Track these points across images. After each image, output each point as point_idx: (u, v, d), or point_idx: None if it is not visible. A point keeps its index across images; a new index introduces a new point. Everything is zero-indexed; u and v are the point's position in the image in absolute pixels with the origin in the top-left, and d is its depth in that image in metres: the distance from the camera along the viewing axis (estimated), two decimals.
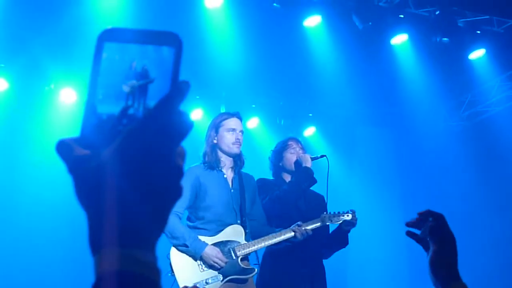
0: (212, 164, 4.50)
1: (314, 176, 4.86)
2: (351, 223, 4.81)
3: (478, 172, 8.59)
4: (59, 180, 7.06)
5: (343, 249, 5.07)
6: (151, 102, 0.70)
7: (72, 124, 7.23)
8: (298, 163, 4.89)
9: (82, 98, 7.61)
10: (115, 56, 0.72)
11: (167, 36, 0.72)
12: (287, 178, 4.96)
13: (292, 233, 4.46)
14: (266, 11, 6.85)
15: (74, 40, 6.70)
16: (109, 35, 0.72)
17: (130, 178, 0.66)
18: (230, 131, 4.50)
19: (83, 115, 0.71)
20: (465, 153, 8.74)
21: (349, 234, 4.96)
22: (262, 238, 4.47)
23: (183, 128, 0.68)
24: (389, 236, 9.03)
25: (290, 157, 4.98)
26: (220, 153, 4.52)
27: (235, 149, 4.51)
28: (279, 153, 5.07)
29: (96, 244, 0.68)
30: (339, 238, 4.93)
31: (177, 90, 0.69)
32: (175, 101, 0.68)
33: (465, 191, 8.75)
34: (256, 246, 4.45)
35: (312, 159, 4.92)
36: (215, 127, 4.54)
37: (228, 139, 4.49)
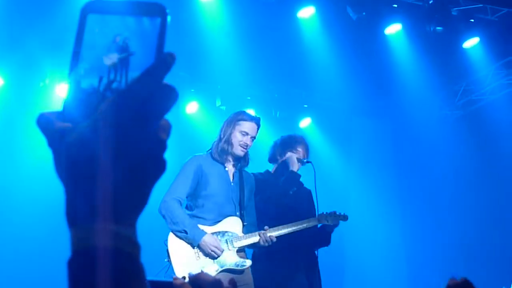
0: (217, 156, 4.57)
1: (299, 179, 4.98)
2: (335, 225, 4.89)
3: (474, 160, 8.62)
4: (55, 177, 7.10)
5: (340, 240, 5.14)
6: (134, 75, 0.67)
7: None
8: (285, 164, 4.96)
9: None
10: (98, 28, 0.71)
11: (153, 7, 0.70)
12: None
13: (258, 237, 4.50)
14: (260, 4, 6.85)
15: (68, 34, 6.69)
16: (93, 7, 0.71)
17: (110, 151, 0.64)
18: (243, 133, 4.55)
19: (67, 90, 0.70)
20: (461, 142, 8.76)
21: (346, 226, 5.03)
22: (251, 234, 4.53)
23: (168, 100, 0.67)
24: (386, 227, 9.07)
25: (292, 161, 5.03)
26: (225, 146, 4.56)
27: (239, 151, 4.57)
28: (283, 149, 5.12)
29: (72, 218, 0.67)
30: (322, 237, 4.99)
31: (162, 61, 0.67)
32: (159, 72, 0.66)
33: (461, 180, 8.77)
34: (251, 240, 4.49)
35: (300, 162, 5.02)
36: (232, 123, 4.60)
37: (238, 139, 4.55)
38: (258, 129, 4.67)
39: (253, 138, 4.61)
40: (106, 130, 0.64)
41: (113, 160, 0.65)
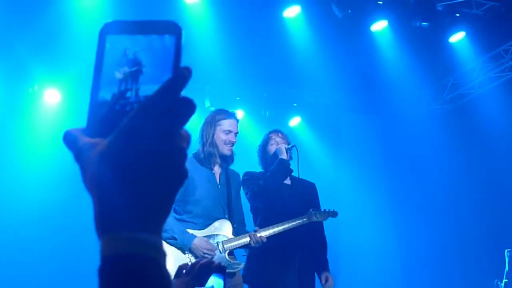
0: (203, 159, 4.56)
1: (289, 167, 4.93)
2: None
3: (464, 153, 8.65)
4: (46, 180, 7.15)
5: (335, 238, 5.16)
6: (145, 88, 0.72)
7: (57, 124, 7.25)
8: (275, 155, 4.96)
9: (66, 98, 7.61)
10: (115, 47, 0.75)
11: (167, 25, 0.74)
12: None
13: (248, 239, 4.52)
14: (246, 4, 6.87)
15: (56, 40, 6.70)
16: (110, 28, 0.75)
17: (134, 162, 0.68)
18: (226, 132, 4.55)
19: (88, 106, 0.74)
20: (450, 136, 8.80)
21: (339, 223, 5.06)
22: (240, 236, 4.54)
23: (186, 111, 0.70)
24: (377, 223, 9.09)
25: (271, 149, 5.05)
26: (212, 150, 4.55)
27: (226, 150, 4.56)
28: (263, 148, 5.15)
29: (101, 228, 0.69)
30: (313, 235, 5.04)
31: (180, 75, 0.71)
32: (177, 86, 0.70)
33: (452, 174, 8.81)
34: (242, 241, 4.51)
35: (287, 150, 4.98)
36: (213, 124, 4.58)
37: (222, 139, 4.54)
38: (238, 123, 4.68)
39: (236, 134, 4.61)
40: (130, 142, 0.68)
41: (139, 171, 0.68)
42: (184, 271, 1.80)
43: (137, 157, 0.68)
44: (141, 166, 0.68)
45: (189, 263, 1.82)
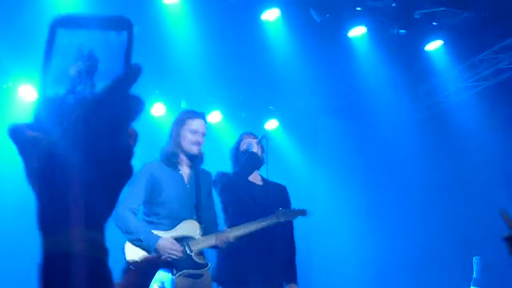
0: (170, 160, 4.53)
1: (259, 159, 4.94)
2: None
3: (437, 160, 8.73)
4: (20, 179, 7.05)
5: (310, 242, 5.16)
6: (99, 84, 0.71)
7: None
8: (246, 150, 4.96)
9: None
10: (66, 41, 0.73)
11: (118, 20, 0.73)
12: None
13: (215, 239, 4.50)
14: (224, 6, 6.86)
15: (31, 36, 6.62)
16: (61, 22, 0.73)
17: (80, 158, 0.67)
18: (192, 132, 4.52)
19: (36, 100, 0.73)
20: (425, 142, 8.87)
21: (314, 226, 5.07)
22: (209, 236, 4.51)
23: (134, 109, 0.70)
24: (353, 227, 9.13)
25: (242, 149, 5.05)
26: (175, 150, 4.53)
27: (194, 150, 4.54)
28: (236, 150, 5.15)
29: (44, 224, 0.68)
30: (283, 235, 5.05)
31: (129, 72, 0.70)
32: (127, 82, 0.69)
33: (427, 180, 8.87)
34: (209, 242, 4.49)
35: (257, 143, 4.99)
36: (179, 124, 4.56)
37: (188, 140, 4.51)
38: (206, 123, 4.65)
39: (204, 134, 4.58)
40: (76, 138, 0.67)
41: (83, 167, 0.67)
42: (131, 267, 1.79)
43: (83, 153, 0.67)
44: (87, 163, 0.67)
45: (136, 260, 1.81)
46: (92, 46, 0.73)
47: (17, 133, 0.72)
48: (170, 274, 2.03)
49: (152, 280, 1.73)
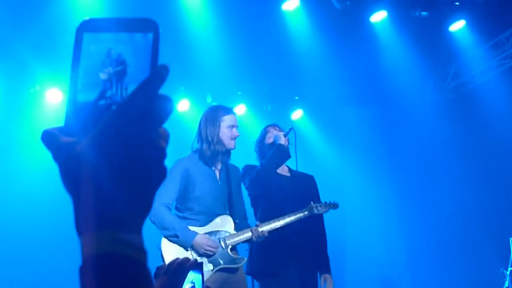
0: (205, 156, 4.55)
1: (288, 152, 4.93)
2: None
3: (465, 142, 8.63)
4: (48, 180, 7.15)
5: (340, 232, 5.16)
6: (130, 87, 0.72)
7: (59, 124, 7.25)
8: (273, 143, 4.96)
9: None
10: (94, 46, 0.74)
11: (144, 22, 0.74)
12: None
13: (250, 234, 4.52)
14: None
15: (57, 40, 6.71)
16: (87, 26, 0.74)
17: (112, 162, 0.68)
18: (230, 127, 4.55)
19: (66, 105, 0.74)
20: (452, 125, 8.77)
21: (344, 216, 5.07)
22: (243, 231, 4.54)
23: (164, 110, 0.70)
24: (382, 215, 9.08)
25: (269, 141, 5.06)
26: (219, 148, 4.55)
27: (232, 145, 4.58)
28: (260, 142, 5.16)
29: (81, 227, 0.69)
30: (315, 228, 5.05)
31: (157, 74, 0.70)
32: (154, 84, 0.69)
33: (453, 162, 8.79)
34: (244, 237, 4.52)
35: (285, 135, 4.99)
36: (216, 121, 4.56)
37: (227, 135, 4.54)
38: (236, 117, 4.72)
39: (238, 127, 4.64)
40: (108, 142, 0.68)
41: (117, 170, 0.68)
42: (162, 271, 1.84)
43: (117, 156, 0.68)
44: (121, 165, 0.68)
45: (165, 265, 1.86)
46: (119, 50, 0.74)
47: (50, 139, 0.73)
48: (200, 275, 2.04)
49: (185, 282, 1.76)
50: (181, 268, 1.81)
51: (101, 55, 0.74)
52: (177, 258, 1.89)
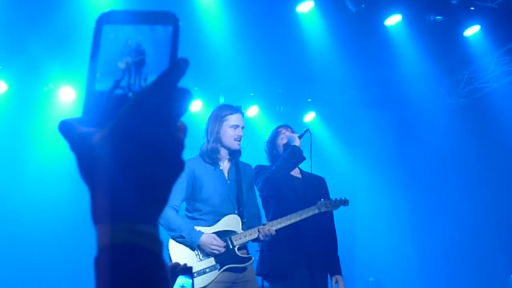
0: (210, 156, 4.51)
1: (302, 154, 4.89)
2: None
3: (478, 147, 8.60)
4: (61, 179, 7.20)
5: (351, 233, 5.13)
6: (149, 78, 0.72)
7: None
8: (287, 144, 4.95)
9: (81, 92, 7.66)
10: (113, 37, 0.74)
11: (164, 15, 0.74)
12: None
13: (257, 233, 4.49)
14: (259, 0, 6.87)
15: (70, 38, 6.73)
16: (107, 18, 0.74)
17: (129, 154, 0.67)
18: (233, 127, 4.49)
19: (84, 96, 0.74)
20: (465, 130, 8.74)
21: (355, 218, 5.04)
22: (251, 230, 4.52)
23: (183, 102, 0.70)
24: (394, 218, 9.07)
25: (281, 142, 5.04)
26: (219, 146, 4.51)
27: (236, 146, 4.51)
28: (271, 143, 5.14)
29: (97, 218, 0.69)
30: (325, 225, 5.04)
31: (176, 66, 0.71)
32: (174, 76, 0.70)
33: (465, 167, 8.76)
34: (251, 236, 4.51)
35: (299, 137, 4.96)
36: (218, 120, 4.52)
37: (230, 135, 4.48)
38: (243, 117, 4.62)
39: (243, 128, 4.57)
40: (126, 133, 0.68)
41: (133, 163, 0.68)
42: None
43: (135, 147, 0.68)
44: (139, 156, 0.68)
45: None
46: (138, 40, 0.73)
47: (67, 130, 0.72)
48: (190, 280, 2.05)
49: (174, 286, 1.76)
50: (171, 272, 1.82)
51: (120, 45, 0.74)
52: (172, 263, 1.89)
